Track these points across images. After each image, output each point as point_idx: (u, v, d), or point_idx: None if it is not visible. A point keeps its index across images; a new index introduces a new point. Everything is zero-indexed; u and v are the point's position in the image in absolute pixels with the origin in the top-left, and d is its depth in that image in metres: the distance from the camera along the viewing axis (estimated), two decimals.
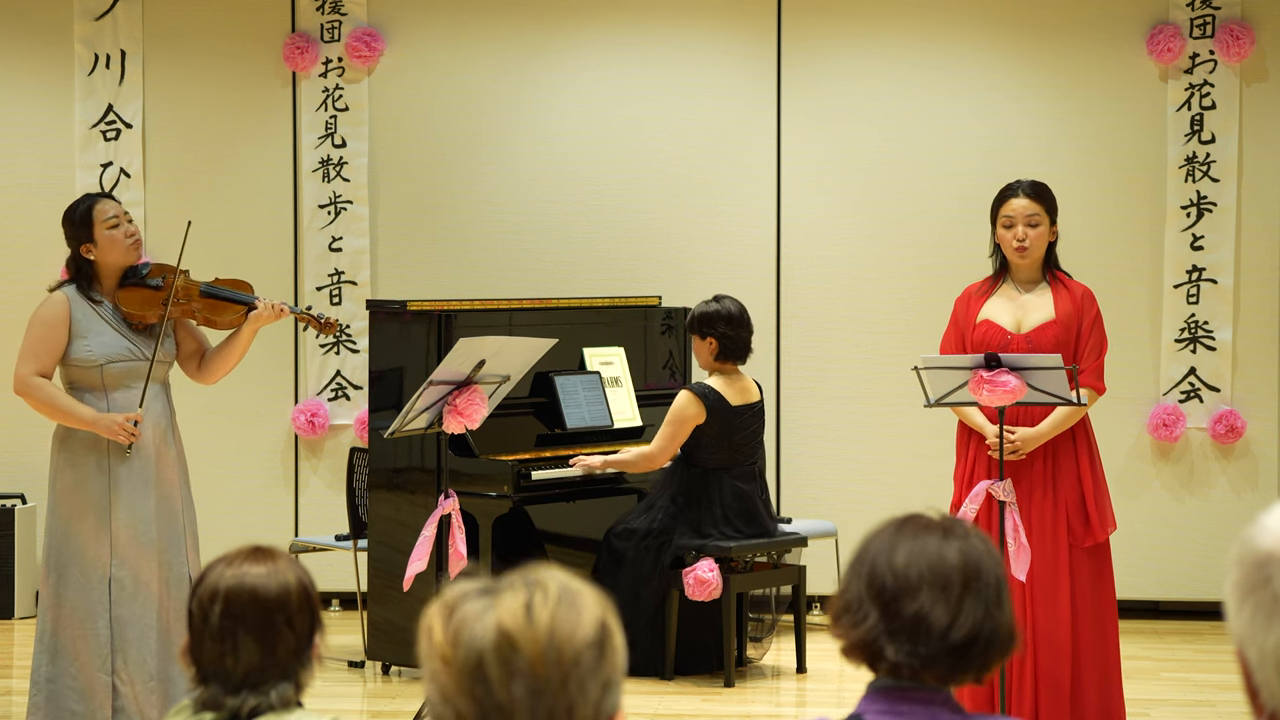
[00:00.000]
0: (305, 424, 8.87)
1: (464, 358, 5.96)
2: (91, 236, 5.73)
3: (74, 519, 5.65)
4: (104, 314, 5.74)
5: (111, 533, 5.63)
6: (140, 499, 5.66)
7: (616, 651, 1.88)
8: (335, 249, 8.90)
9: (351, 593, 8.23)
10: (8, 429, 9.02)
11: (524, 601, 1.84)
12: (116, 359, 5.70)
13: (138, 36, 8.97)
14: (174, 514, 5.74)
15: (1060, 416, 5.74)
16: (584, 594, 1.88)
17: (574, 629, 1.84)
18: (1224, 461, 8.61)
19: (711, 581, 7.10)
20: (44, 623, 5.69)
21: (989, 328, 5.82)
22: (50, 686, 5.63)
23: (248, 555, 2.82)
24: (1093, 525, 5.73)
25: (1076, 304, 5.83)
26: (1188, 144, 8.55)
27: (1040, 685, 5.66)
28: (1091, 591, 5.73)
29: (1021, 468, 5.71)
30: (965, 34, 8.73)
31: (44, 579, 5.71)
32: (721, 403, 7.27)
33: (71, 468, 5.68)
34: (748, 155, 8.82)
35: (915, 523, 2.40)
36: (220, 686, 2.76)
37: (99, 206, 5.76)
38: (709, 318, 7.32)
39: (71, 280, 5.78)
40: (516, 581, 1.87)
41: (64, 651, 5.63)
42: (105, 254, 5.74)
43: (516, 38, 8.90)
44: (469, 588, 1.88)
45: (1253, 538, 1.88)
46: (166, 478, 5.74)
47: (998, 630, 2.35)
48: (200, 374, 5.97)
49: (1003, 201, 5.88)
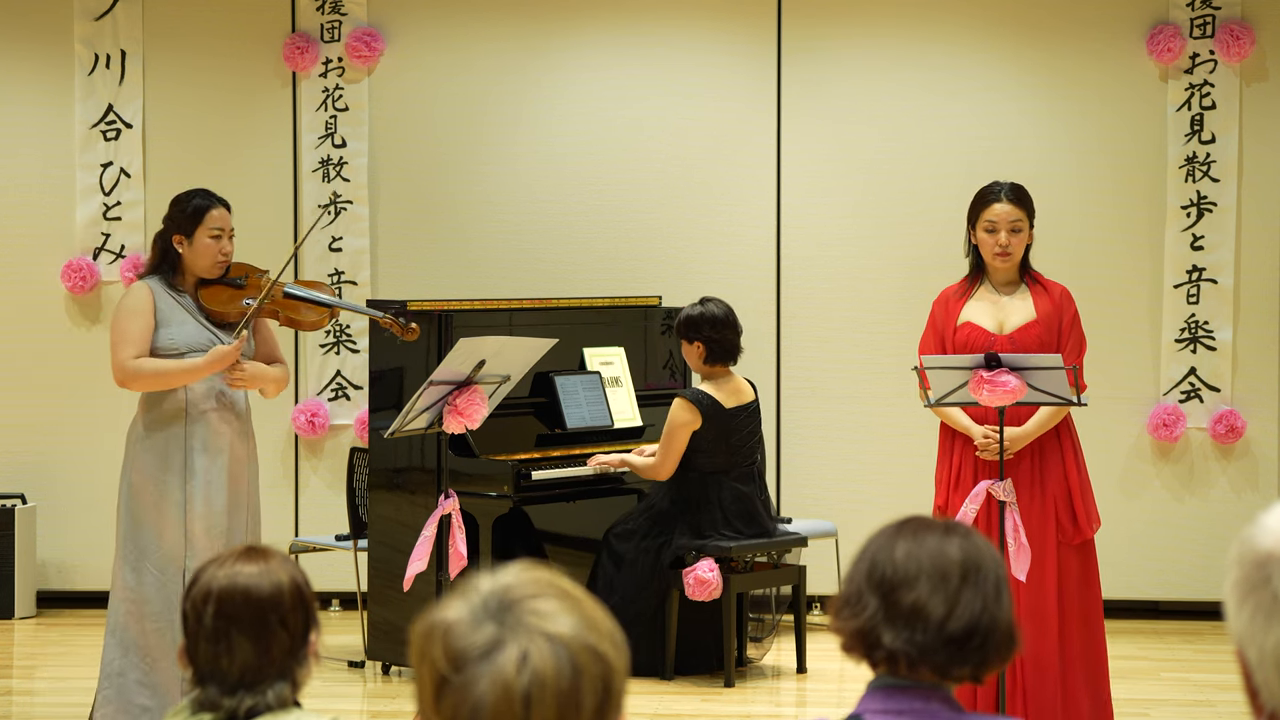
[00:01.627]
0: (305, 424, 8.87)
1: (464, 358, 5.96)
2: (191, 233, 5.77)
3: (150, 511, 5.67)
4: (185, 305, 5.78)
5: (187, 525, 5.65)
6: (216, 491, 5.70)
7: (618, 692, 1.82)
8: (335, 249, 8.90)
9: (351, 593, 8.23)
10: (8, 429, 9.02)
11: (522, 692, 1.76)
12: (198, 349, 5.74)
13: (138, 36, 8.97)
14: (241, 505, 5.79)
15: (1045, 415, 5.75)
16: (582, 656, 1.79)
17: (574, 715, 1.77)
18: (1224, 461, 8.61)
19: (711, 581, 7.10)
20: (116, 616, 5.70)
21: (971, 330, 5.81)
22: (120, 680, 5.65)
23: (240, 555, 2.82)
24: (1080, 522, 5.74)
25: (1056, 304, 5.83)
26: (1188, 144, 8.55)
27: (1027, 683, 5.66)
28: (1079, 590, 5.74)
29: (1009, 467, 5.71)
30: (965, 34, 8.73)
31: (117, 570, 5.71)
32: (716, 407, 7.26)
33: (148, 457, 5.70)
34: (748, 155, 8.82)
35: (916, 522, 2.43)
36: (217, 687, 2.76)
37: (214, 212, 5.82)
38: (693, 322, 7.30)
39: (153, 270, 5.80)
40: (511, 655, 1.77)
41: (136, 645, 5.63)
42: (194, 256, 5.78)
43: (516, 38, 8.90)
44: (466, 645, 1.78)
45: (1253, 537, 1.88)
46: (238, 472, 5.79)
47: (996, 625, 2.36)
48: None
49: (985, 205, 5.84)
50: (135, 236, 8.95)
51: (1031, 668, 5.66)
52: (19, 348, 9.03)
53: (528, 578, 1.85)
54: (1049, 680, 5.66)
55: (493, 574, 1.86)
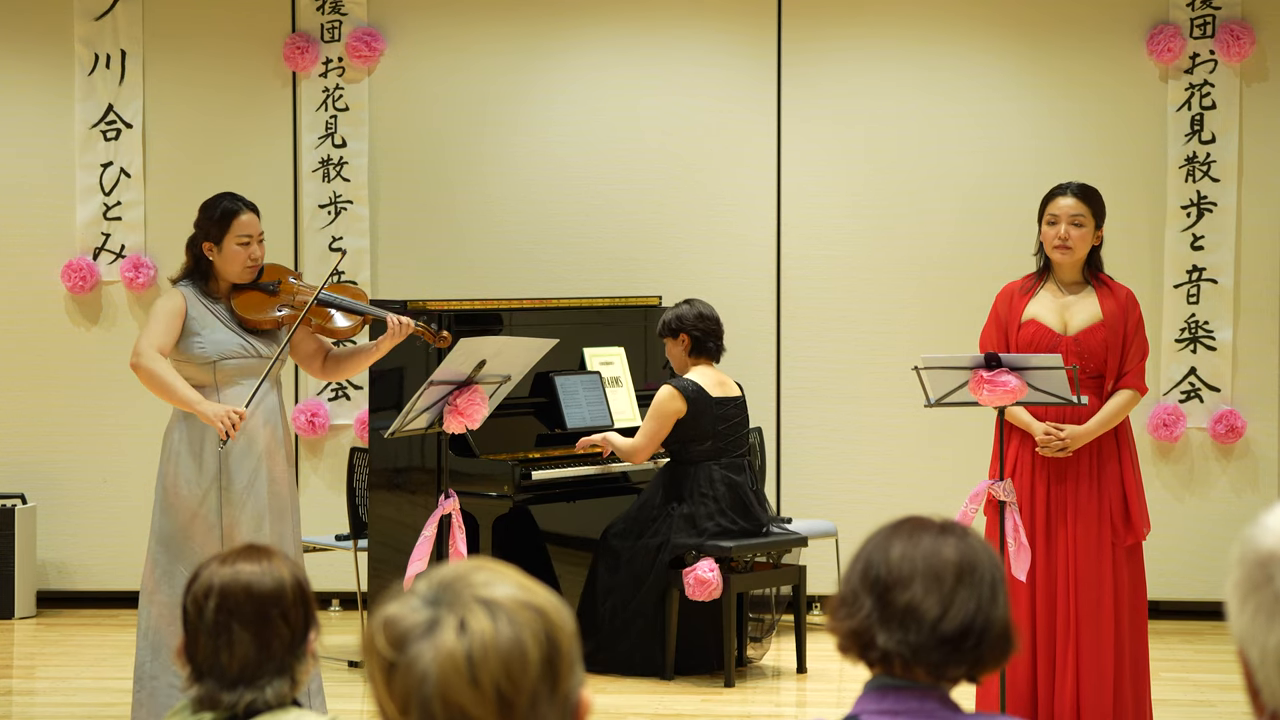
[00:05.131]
0: (305, 424, 8.87)
1: (464, 358, 5.96)
2: (220, 240, 5.73)
3: (183, 515, 5.62)
4: (218, 312, 5.74)
5: (223, 530, 5.61)
6: (251, 495, 5.65)
7: (567, 649, 1.82)
8: (335, 249, 8.90)
9: (351, 593, 8.23)
10: (8, 429, 9.02)
11: (464, 654, 1.77)
12: (230, 355, 5.71)
13: (138, 36, 8.97)
14: (283, 512, 5.74)
15: (1107, 414, 5.77)
16: (519, 613, 1.80)
17: (521, 671, 1.78)
18: (1224, 461, 8.61)
19: (711, 581, 7.10)
20: (147, 619, 5.66)
21: (1036, 328, 5.82)
22: (153, 683, 5.61)
23: (241, 553, 2.84)
24: (1134, 523, 5.76)
25: (1121, 305, 5.85)
26: (1188, 144, 8.55)
27: (1083, 680, 5.68)
28: (1130, 591, 5.77)
29: (1068, 464, 5.75)
30: (965, 34, 8.73)
31: (148, 573, 5.67)
32: (702, 394, 7.32)
33: (183, 461, 5.65)
34: (748, 155, 8.82)
35: (913, 522, 2.43)
36: (215, 683, 2.77)
37: (243, 218, 5.76)
38: (680, 316, 7.43)
39: (187, 276, 5.77)
40: (450, 624, 1.79)
41: (167, 647, 5.59)
42: (224, 263, 5.74)
43: (517, 38, 8.90)
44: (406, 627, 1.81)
45: (1254, 537, 1.88)
46: (277, 475, 5.73)
47: (990, 625, 2.36)
48: (323, 373, 6.05)
49: (1050, 200, 5.90)
50: (135, 236, 8.95)
51: (1088, 665, 5.68)
52: (19, 348, 9.02)
53: (462, 564, 1.88)
54: (1104, 682, 5.68)
55: (429, 573, 1.88)
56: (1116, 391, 5.80)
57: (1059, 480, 5.76)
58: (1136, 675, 5.78)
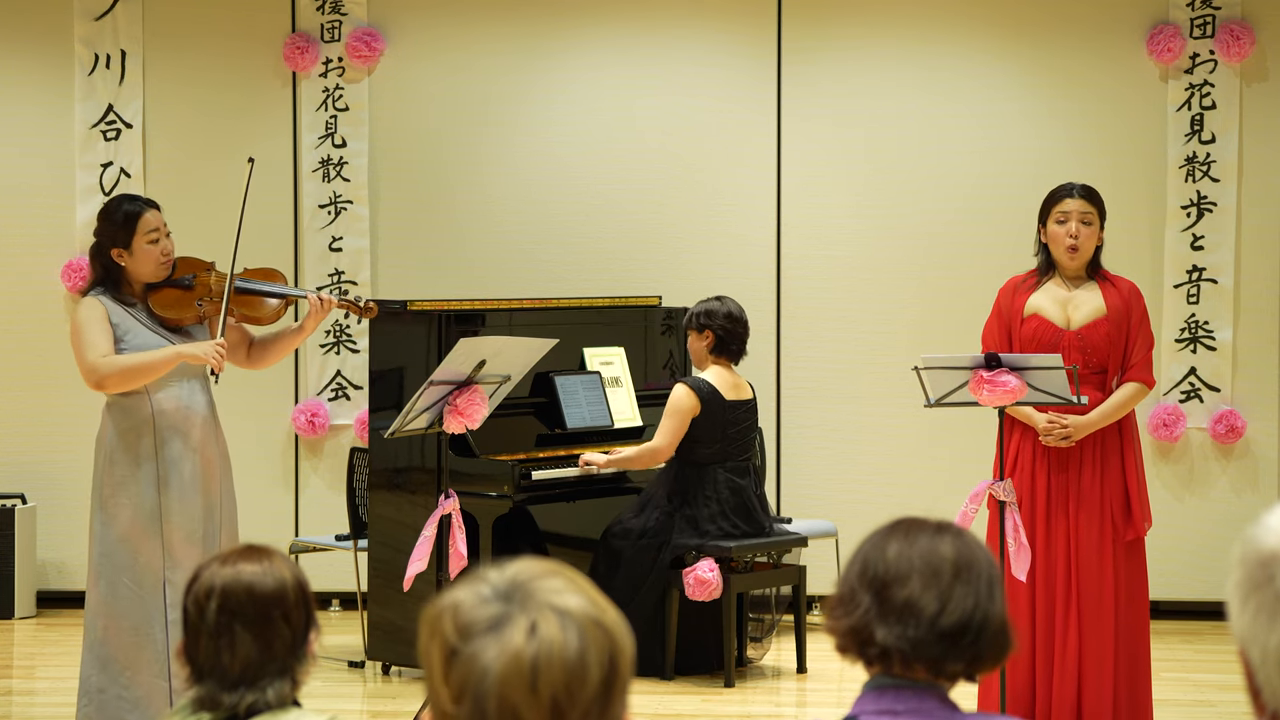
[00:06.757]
0: (305, 424, 8.87)
1: (464, 358, 5.96)
2: (128, 244, 5.58)
3: (123, 523, 5.54)
4: (138, 316, 5.62)
5: (164, 535, 5.53)
6: (190, 496, 5.58)
7: (624, 673, 1.82)
8: (335, 249, 8.90)
9: (351, 593, 8.23)
10: (8, 429, 9.02)
11: (530, 659, 1.76)
12: None
13: (138, 36, 8.97)
14: (214, 509, 5.66)
15: (1112, 406, 5.78)
16: (590, 629, 1.80)
17: (580, 686, 1.78)
18: (1224, 461, 8.61)
19: (712, 581, 7.10)
20: (93, 631, 5.55)
21: (1039, 323, 5.83)
22: (101, 697, 5.50)
23: (242, 554, 2.84)
24: (1134, 518, 5.76)
25: (1125, 299, 5.87)
26: (1188, 144, 8.55)
27: (1084, 676, 5.68)
28: (1131, 588, 5.77)
29: (1071, 454, 5.77)
30: (965, 34, 8.73)
31: (92, 585, 5.57)
32: (715, 395, 7.30)
33: (119, 469, 5.59)
34: (748, 155, 8.82)
35: (909, 523, 2.45)
36: (216, 683, 2.76)
37: (146, 216, 5.61)
38: (710, 311, 7.39)
39: (99, 283, 5.63)
40: (520, 625, 1.78)
41: (115, 661, 5.50)
42: (137, 265, 5.60)
43: (517, 37, 8.90)
44: (475, 618, 1.80)
45: (1255, 537, 1.89)
46: (210, 472, 5.67)
47: (988, 621, 2.37)
48: (248, 362, 5.93)
49: (1057, 200, 5.92)
50: None
51: (1090, 660, 5.68)
52: (19, 348, 9.02)
53: (535, 565, 1.86)
54: (1104, 679, 5.68)
55: (499, 566, 1.87)
56: (1123, 384, 5.80)
57: (1061, 469, 5.77)
58: (1136, 673, 5.77)
